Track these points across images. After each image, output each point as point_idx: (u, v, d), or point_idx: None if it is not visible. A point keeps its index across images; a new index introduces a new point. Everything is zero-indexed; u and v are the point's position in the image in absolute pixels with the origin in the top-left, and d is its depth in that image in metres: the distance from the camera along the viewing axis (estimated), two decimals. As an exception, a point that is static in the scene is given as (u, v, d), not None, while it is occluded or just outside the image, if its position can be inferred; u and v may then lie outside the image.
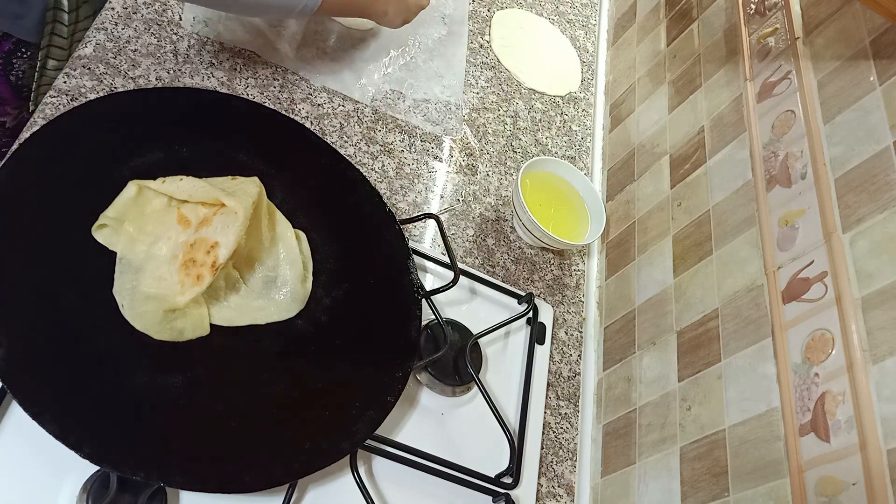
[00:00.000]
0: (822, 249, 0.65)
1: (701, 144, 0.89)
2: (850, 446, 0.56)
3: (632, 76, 1.14)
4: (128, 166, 0.69)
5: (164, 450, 0.58)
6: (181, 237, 0.65)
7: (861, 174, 0.65)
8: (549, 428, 0.84)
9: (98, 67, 0.78)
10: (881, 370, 0.56)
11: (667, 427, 0.76)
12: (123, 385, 0.59)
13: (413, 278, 0.78)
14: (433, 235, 0.90)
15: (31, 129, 0.71)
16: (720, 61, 0.92)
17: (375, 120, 0.95)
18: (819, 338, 0.62)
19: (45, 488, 0.57)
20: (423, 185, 0.94)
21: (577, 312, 0.96)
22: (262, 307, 0.69)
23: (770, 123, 0.78)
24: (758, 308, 0.70)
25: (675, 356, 0.79)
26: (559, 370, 0.89)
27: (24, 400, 0.54)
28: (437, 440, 0.75)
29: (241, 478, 0.59)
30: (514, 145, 1.06)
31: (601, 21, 1.32)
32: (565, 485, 0.82)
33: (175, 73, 0.83)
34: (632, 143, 1.06)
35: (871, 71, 0.68)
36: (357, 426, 0.67)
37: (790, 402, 0.63)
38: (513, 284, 0.91)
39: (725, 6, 0.96)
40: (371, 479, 0.70)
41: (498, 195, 1.00)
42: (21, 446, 0.57)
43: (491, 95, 1.08)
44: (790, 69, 0.78)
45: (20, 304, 0.58)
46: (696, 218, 0.85)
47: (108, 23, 0.82)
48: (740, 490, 0.65)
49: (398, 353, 0.73)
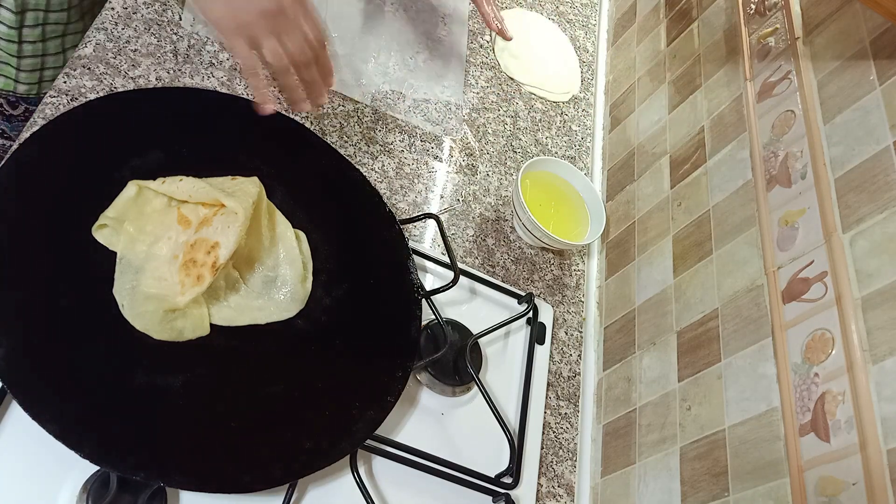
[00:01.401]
0: (822, 249, 0.65)
1: (701, 144, 0.89)
2: (850, 446, 0.56)
3: (632, 76, 1.14)
4: (128, 166, 0.69)
5: (164, 450, 0.58)
6: (181, 237, 0.65)
7: (861, 174, 0.65)
8: (549, 428, 0.84)
9: (98, 67, 0.78)
10: (881, 370, 0.56)
11: (667, 427, 0.76)
12: (123, 385, 0.59)
13: (413, 278, 0.78)
14: (433, 235, 0.90)
15: (31, 129, 0.71)
16: (720, 61, 0.92)
17: (375, 120, 0.95)
18: (819, 338, 0.62)
19: (45, 488, 0.57)
20: (423, 185, 0.94)
21: (577, 312, 0.96)
22: (262, 307, 0.69)
23: (770, 123, 0.78)
24: (758, 308, 0.70)
25: (675, 356, 0.79)
26: (559, 370, 0.89)
27: (24, 400, 0.54)
28: (437, 440, 0.75)
29: (241, 478, 0.59)
30: (514, 145, 1.06)
31: (601, 21, 1.32)
32: (565, 485, 0.82)
33: (175, 73, 0.83)
34: (632, 143, 1.06)
35: (871, 71, 0.68)
36: (357, 426, 0.67)
37: (790, 402, 0.63)
38: (513, 284, 0.92)
39: (725, 6, 0.96)
40: (371, 479, 0.70)
41: (498, 195, 1.00)
42: (21, 446, 0.57)
43: (491, 95, 1.08)
44: (790, 69, 0.78)
45: (20, 305, 0.58)
46: (696, 218, 0.85)
47: (108, 23, 0.82)
48: (740, 490, 0.65)
49: (398, 353, 0.73)
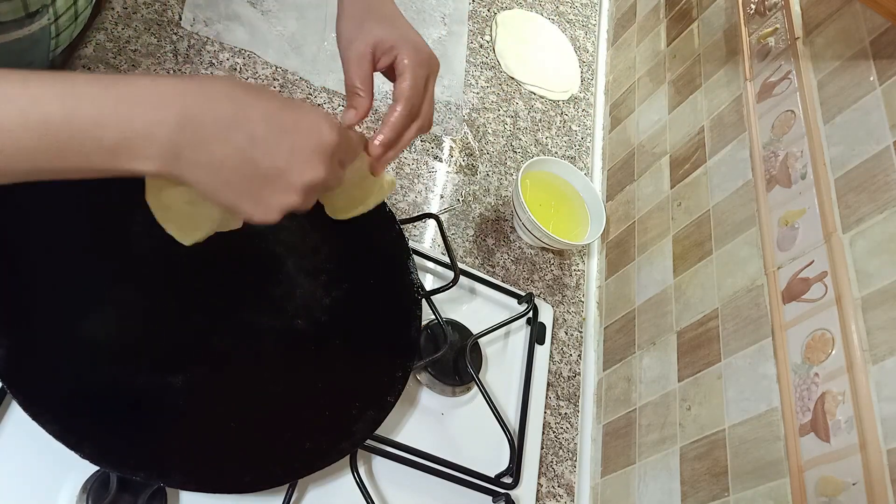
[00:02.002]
0: (822, 249, 0.65)
1: (701, 144, 0.89)
2: (850, 446, 0.56)
3: (632, 76, 1.14)
4: (128, 166, 0.69)
5: (164, 450, 0.58)
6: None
7: (861, 174, 0.65)
8: (549, 428, 0.84)
9: (98, 67, 0.78)
10: (881, 370, 0.56)
11: (667, 427, 0.76)
12: (123, 385, 0.59)
13: (413, 278, 0.78)
14: (433, 235, 0.90)
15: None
16: (720, 61, 0.92)
17: (375, 120, 0.95)
18: (819, 338, 0.62)
19: (45, 488, 0.57)
20: (423, 185, 0.94)
21: (577, 312, 0.96)
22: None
23: (770, 123, 0.78)
24: (758, 308, 0.70)
25: (675, 356, 0.79)
26: (559, 370, 0.89)
27: (24, 400, 0.54)
28: (437, 440, 0.75)
29: (241, 478, 0.59)
30: (514, 145, 1.06)
31: (601, 21, 1.32)
32: (565, 485, 0.82)
33: (175, 73, 0.83)
34: (632, 143, 1.06)
35: (871, 71, 0.68)
36: (357, 426, 0.67)
37: (790, 402, 0.63)
38: (513, 284, 0.91)
39: (725, 6, 0.96)
40: (371, 479, 0.70)
41: (498, 195, 0.99)
42: (21, 446, 0.57)
43: (491, 95, 1.08)
44: (790, 69, 0.78)
45: (20, 305, 0.58)
46: (696, 218, 0.85)
47: (108, 23, 0.82)
48: (740, 490, 0.65)
49: (398, 353, 0.73)
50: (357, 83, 0.59)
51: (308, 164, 0.46)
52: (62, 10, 0.68)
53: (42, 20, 0.66)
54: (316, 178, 0.46)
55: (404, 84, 0.58)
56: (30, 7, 0.63)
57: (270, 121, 0.45)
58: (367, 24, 0.59)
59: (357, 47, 0.59)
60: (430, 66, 0.61)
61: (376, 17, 0.60)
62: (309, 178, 0.46)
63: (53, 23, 0.68)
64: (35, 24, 0.66)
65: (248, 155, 0.44)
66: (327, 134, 0.47)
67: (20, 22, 0.64)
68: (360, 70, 0.59)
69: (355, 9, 0.60)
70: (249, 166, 0.44)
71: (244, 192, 0.45)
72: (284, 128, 0.45)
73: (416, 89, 0.59)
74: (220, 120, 0.43)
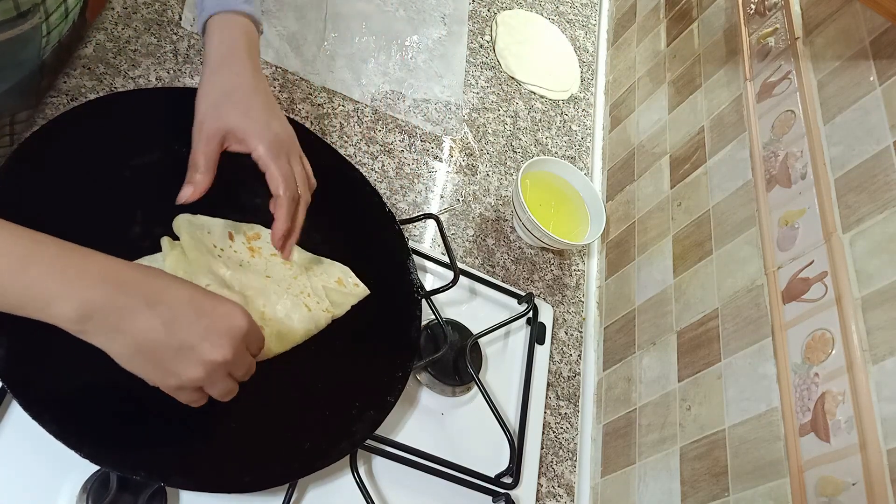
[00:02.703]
0: (822, 249, 0.65)
1: (701, 144, 0.89)
2: (850, 446, 0.56)
3: (632, 76, 1.14)
4: (128, 166, 0.69)
5: (164, 450, 0.58)
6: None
7: (861, 174, 0.65)
8: (549, 428, 0.84)
9: (98, 67, 0.78)
10: (881, 370, 0.56)
11: (667, 427, 0.76)
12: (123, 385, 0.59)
13: (413, 278, 0.78)
14: (433, 235, 0.90)
15: (30, 128, 0.71)
16: (720, 61, 0.92)
17: (375, 120, 0.95)
18: (819, 338, 0.62)
19: (45, 488, 0.57)
20: (423, 185, 0.94)
21: (577, 312, 0.96)
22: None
23: (770, 123, 0.78)
24: (758, 308, 0.70)
25: (675, 356, 0.79)
26: (559, 370, 0.89)
27: (24, 400, 0.54)
28: (437, 440, 0.75)
29: (241, 478, 0.59)
30: (514, 145, 1.06)
31: (601, 21, 1.32)
32: (565, 485, 0.82)
33: (175, 73, 0.83)
34: (632, 143, 1.06)
35: (871, 71, 0.68)
36: (357, 426, 0.67)
37: (790, 402, 0.63)
38: (513, 284, 0.91)
39: (725, 6, 0.96)
40: (371, 479, 0.70)
41: (498, 195, 0.99)
42: (21, 446, 0.57)
43: (491, 95, 1.08)
44: (790, 69, 0.78)
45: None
46: (696, 218, 0.85)
47: (108, 23, 0.82)
48: (740, 490, 0.65)
49: (398, 353, 0.73)
50: (200, 162, 0.63)
51: (217, 344, 0.51)
52: (52, 9, 0.68)
53: (33, 19, 0.66)
54: (222, 357, 0.51)
55: (273, 173, 0.63)
56: (21, 6, 0.63)
57: (192, 303, 0.51)
58: (223, 109, 0.63)
59: (208, 129, 0.63)
60: (288, 146, 0.65)
61: (232, 103, 0.63)
62: (216, 356, 0.51)
63: (44, 21, 0.68)
64: (27, 24, 0.66)
65: (167, 330, 0.49)
66: (239, 320, 0.52)
67: (12, 22, 0.64)
68: (206, 150, 0.63)
69: (214, 91, 0.63)
70: (165, 340, 0.49)
71: (156, 364, 0.50)
72: (203, 311, 0.51)
73: (285, 175, 0.63)
74: (131, 306, 0.48)
